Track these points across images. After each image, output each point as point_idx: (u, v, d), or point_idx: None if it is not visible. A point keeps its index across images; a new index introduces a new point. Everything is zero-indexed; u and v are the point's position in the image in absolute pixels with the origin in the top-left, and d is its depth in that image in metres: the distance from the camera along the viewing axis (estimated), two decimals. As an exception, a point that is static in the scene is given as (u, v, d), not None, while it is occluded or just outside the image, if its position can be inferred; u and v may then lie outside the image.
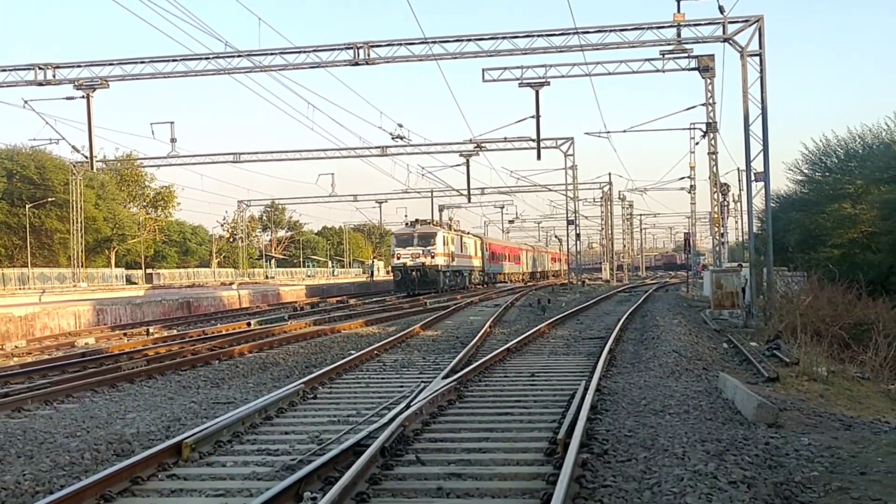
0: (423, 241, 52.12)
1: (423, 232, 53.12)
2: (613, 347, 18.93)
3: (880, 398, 15.84)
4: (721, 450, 8.88)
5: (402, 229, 57.06)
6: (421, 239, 52.29)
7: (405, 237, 53.51)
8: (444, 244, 53.40)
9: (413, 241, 52.38)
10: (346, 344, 21.09)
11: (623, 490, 7.47)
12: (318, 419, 11.16)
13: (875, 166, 42.74)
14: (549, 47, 30.43)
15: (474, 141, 54.30)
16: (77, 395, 13.92)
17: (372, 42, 31.04)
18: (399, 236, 54.80)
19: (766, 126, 27.87)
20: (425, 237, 52.49)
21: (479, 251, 67.18)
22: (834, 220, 46.05)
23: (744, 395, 11.69)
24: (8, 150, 76.94)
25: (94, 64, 33.26)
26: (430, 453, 8.96)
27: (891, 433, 10.37)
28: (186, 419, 11.37)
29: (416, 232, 53.06)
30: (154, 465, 8.46)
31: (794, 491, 7.58)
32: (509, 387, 13.71)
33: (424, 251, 51.44)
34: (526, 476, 8.05)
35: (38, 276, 66.57)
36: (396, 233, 57.13)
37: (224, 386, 14.77)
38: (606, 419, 10.82)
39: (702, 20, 29.10)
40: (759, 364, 16.61)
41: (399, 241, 53.92)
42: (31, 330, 26.76)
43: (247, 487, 7.81)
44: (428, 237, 52.47)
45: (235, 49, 31.64)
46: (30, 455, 9.43)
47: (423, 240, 52.26)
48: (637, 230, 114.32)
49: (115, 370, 16.42)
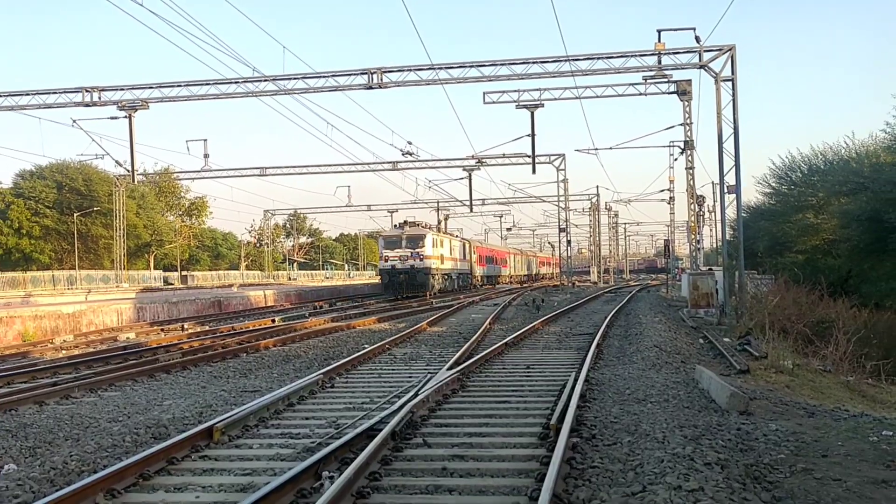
0: (411, 244, 46.74)
1: (412, 234, 47.51)
2: (601, 342, 18.90)
3: (840, 388, 15.83)
4: (697, 434, 8.87)
5: (390, 231, 50.77)
6: (409, 241, 46.90)
7: (393, 239, 47.79)
8: (433, 246, 48.09)
9: (401, 243, 46.97)
10: (360, 339, 21.08)
11: (609, 471, 7.46)
12: (335, 406, 11.15)
13: (835, 180, 42.86)
14: (543, 73, 30.47)
15: (476, 157, 54.29)
16: (119, 384, 13.93)
17: (384, 68, 31.07)
18: (387, 238, 48.80)
19: (737, 144, 27.88)
20: (414, 239, 47.04)
21: (467, 254, 61.51)
22: (798, 228, 46.18)
23: (718, 386, 11.67)
24: (58, 164, 77.02)
25: (136, 87, 33.32)
26: (435, 437, 8.94)
27: (850, 420, 10.35)
28: (217, 406, 11.37)
29: (404, 234, 47.49)
30: (188, 447, 8.46)
31: (763, 472, 7.56)
32: (507, 377, 13.69)
33: (413, 253, 46.27)
34: (522, 458, 8.03)
35: (85, 278, 66.70)
36: (384, 234, 50.23)
37: (251, 376, 14.76)
38: (594, 407, 10.80)
39: (680, 49, 29.11)
40: (732, 358, 16.60)
41: (387, 242, 48.23)
42: (78, 326, 26.78)
43: (271, 467, 7.81)
44: (416, 239, 47.01)
45: (262, 74, 31.69)
46: (76, 438, 9.44)
47: (411, 242, 46.87)
48: (622, 237, 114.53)
49: (154, 362, 16.42)
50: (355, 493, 6.69)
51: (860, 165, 41.76)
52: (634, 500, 6.47)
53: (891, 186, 31.96)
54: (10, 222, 74.92)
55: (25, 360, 18.37)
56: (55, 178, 77.18)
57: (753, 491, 6.87)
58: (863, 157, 43.93)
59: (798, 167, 49.52)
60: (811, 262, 40.43)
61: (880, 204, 32.23)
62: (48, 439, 9.41)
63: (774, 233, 47.82)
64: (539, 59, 30.25)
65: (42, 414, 11.05)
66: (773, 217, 49.84)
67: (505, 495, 6.77)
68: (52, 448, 8.98)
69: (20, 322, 24.04)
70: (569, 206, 66.46)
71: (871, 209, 33.41)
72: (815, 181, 46.94)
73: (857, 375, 17.49)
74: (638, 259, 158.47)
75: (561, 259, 78.43)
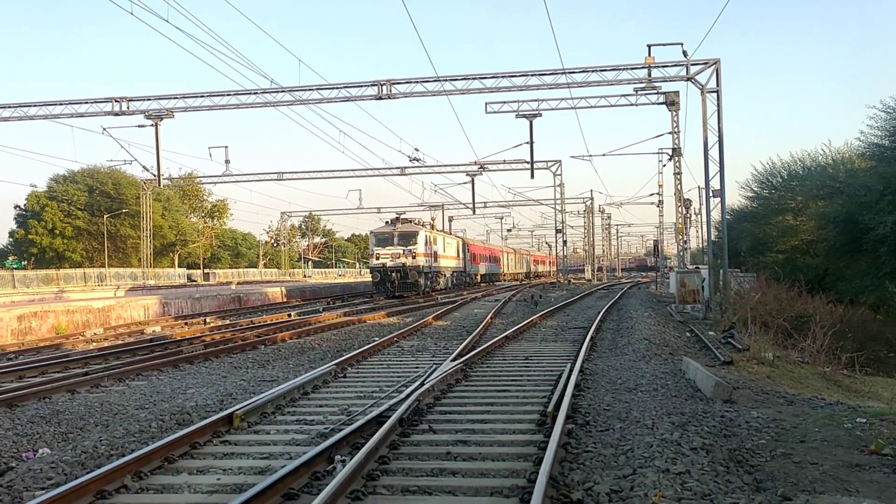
0: (403, 241, 42.49)
1: (404, 231, 43.10)
2: (594, 335, 18.87)
3: (818, 379, 15.81)
4: (684, 421, 8.87)
5: (381, 228, 45.53)
6: (402, 238, 42.61)
7: (385, 236, 43.26)
8: (426, 244, 43.74)
9: (393, 240, 42.67)
10: (370, 332, 21.08)
11: (602, 455, 7.46)
12: (346, 395, 11.16)
13: (813, 185, 42.83)
14: (542, 84, 30.46)
15: (478, 163, 54.23)
16: (146, 373, 13.95)
17: (393, 80, 31.08)
18: (378, 235, 43.89)
19: (722, 151, 27.85)
20: (406, 236, 42.68)
21: (460, 252, 56.45)
22: (779, 229, 46.14)
23: (703, 376, 11.66)
24: (89, 169, 77.23)
25: (162, 97, 33.34)
26: (440, 423, 8.94)
27: (826, 408, 10.33)
28: (237, 394, 11.38)
29: (396, 231, 43.06)
30: (210, 432, 8.47)
31: (745, 456, 7.56)
32: (507, 368, 13.68)
33: (405, 251, 42.05)
34: (521, 443, 8.03)
35: (114, 275, 66.78)
36: (376, 231, 44.95)
37: (269, 366, 14.77)
38: (588, 395, 10.79)
39: (669, 62, 29.07)
40: (716, 350, 16.57)
41: (378, 240, 43.57)
42: (107, 319, 26.80)
43: (287, 451, 7.81)
44: (409, 236, 42.67)
45: (279, 85, 31.70)
46: (106, 424, 9.46)
47: (403, 239, 42.58)
48: (614, 238, 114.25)
49: (178, 353, 16.43)
50: (366, 475, 6.69)
51: (836, 171, 41.73)
52: (626, 482, 6.46)
53: (865, 191, 31.91)
54: (44, 223, 75.27)
55: (58, 352, 18.39)
56: (86, 182, 77.44)
57: (736, 474, 6.86)
58: (839, 163, 43.91)
59: (778, 173, 49.49)
60: (790, 261, 40.37)
61: (855, 207, 32.20)
62: (79, 425, 9.43)
63: (756, 234, 47.82)
64: (537, 71, 30.26)
65: (74, 402, 11.07)
66: (755, 219, 49.80)
67: (505, 478, 6.77)
68: (83, 433, 9.00)
69: (54, 316, 24.07)
70: (565, 209, 66.39)
71: (846, 212, 33.38)
72: (794, 186, 46.92)
73: (833, 367, 17.46)
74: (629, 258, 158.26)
75: (557, 258, 78.27)
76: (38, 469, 7.31)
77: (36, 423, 9.55)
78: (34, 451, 8.11)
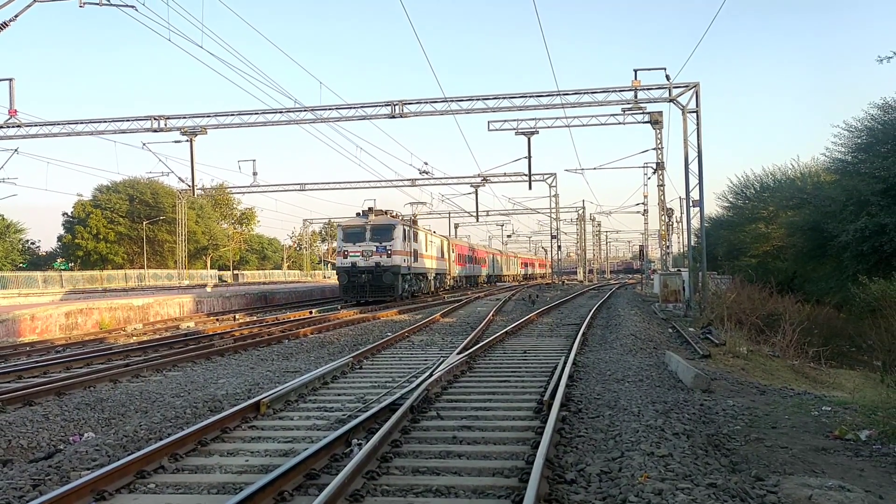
0: (377, 235, 32.77)
1: (378, 224, 33.09)
2: (586, 331, 18.85)
3: (787, 371, 15.78)
4: (667, 409, 8.86)
5: (350, 220, 34.77)
6: (375, 232, 32.81)
7: (355, 230, 33.14)
8: (404, 240, 33.86)
9: (365, 234, 32.80)
10: (384, 328, 21.07)
11: (593, 439, 7.45)
12: (362, 384, 11.15)
13: (783, 196, 42.93)
14: (539, 105, 30.44)
15: (481, 175, 54.06)
16: (181, 365, 13.97)
17: (405, 100, 31.08)
18: (347, 229, 33.57)
19: (701, 165, 27.83)
20: (381, 230, 32.85)
21: (445, 252, 46.80)
22: (752, 236, 46.16)
23: (684, 368, 11.64)
24: (130, 180, 77.30)
25: (196, 116, 33.36)
26: (447, 410, 8.93)
27: (795, 397, 10.32)
28: (263, 384, 11.39)
29: (368, 223, 33.05)
30: (239, 418, 8.47)
31: (722, 440, 7.55)
32: (507, 360, 13.66)
33: (379, 248, 32.44)
34: (520, 428, 8.02)
35: (152, 276, 66.88)
36: (344, 225, 34.52)
37: (292, 359, 14.77)
38: (580, 385, 10.78)
39: (653, 85, 29.06)
40: (696, 345, 16.56)
41: (347, 234, 33.31)
42: (146, 316, 26.84)
43: (309, 436, 7.82)
44: (384, 230, 32.85)
45: (302, 105, 31.72)
46: (145, 410, 9.48)
47: (377, 233, 32.81)
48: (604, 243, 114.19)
49: (210, 346, 16.46)
50: (380, 457, 6.69)
51: (804, 184, 41.77)
52: (615, 464, 6.45)
53: (829, 202, 31.91)
54: (89, 229, 75.50)
55: (102, 345, 18.41)
56: (128, 191, 77.64)
57: (714, 456, 6.85)
58: (806, 176, 43.97)
59: (752, 185, 49.55)
60: (762, 264, 40.31)
61: (820, 216, 32.22)
62: (121, 412, 9.44)
63: (732, 240, 47.88)
64: (535, 93, 30.26)
65: (116, 390, 11.09)
66: (730, 226, 49.85)
67: (506, 459, 6.76)
68: (124, 419, 9.01)
69: (97, 313, 24.11)
70: (559, 217, 66.39)
71: (813, 221, 33.39)
72: (766, 197, 46.97)
73: (801, 360, 17.44)
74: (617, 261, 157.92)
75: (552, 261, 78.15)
76: (83, 451, 7.32)
77: (82, 409, 9.56)
78: (80, 435, 8.13)
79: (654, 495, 5.52)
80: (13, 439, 7.97)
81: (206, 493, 5.96)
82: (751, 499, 5.57)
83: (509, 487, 5.87)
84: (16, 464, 7.06)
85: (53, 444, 7.81)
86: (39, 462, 7.08)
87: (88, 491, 5.73)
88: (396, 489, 5.92)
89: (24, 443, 7.85)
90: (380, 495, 5.80)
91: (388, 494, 5.82)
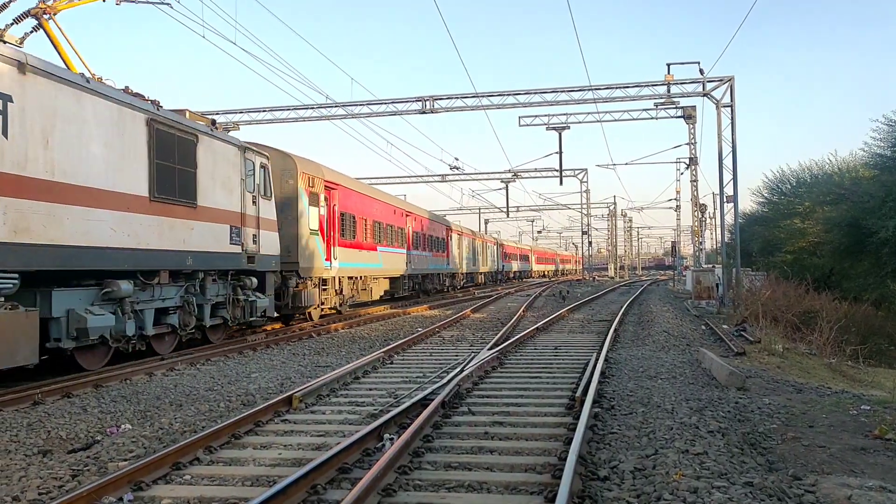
0: None
1: None
2: (618, 328, 18.75)
3: (824, 369, 15.56)
4: (701, 406, 8.78)
5: None
6: None
7: None
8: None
9: None
10: (414, 323, 21.12)
11: (626, 436, 7.40)
12: (393, 379, 11.17)
13: (819, 192, 42.27)
14: (570, 100, 30.35)
15: (512, 170, 54.14)
16: (215, 359, 14.08)
17: (436, 96, 31.13)
18: None
19: (735, 160, 27.56)
20: None
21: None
22: (787, 232, 45.53)
23: (718, 366, 11.53)
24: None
25: (230, 112, 33.67)
26: (478, 406, 8.92)
27: (832, 396, 10.17)
28: (296, 378, 11.46)
29: None
30: (271, 412, 8.53)
31: (757, 439, 7.46)
32: (538, 356, 13.62)
33: None
34: (552, 424, 7.99)
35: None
36: None
37: (324, 354, 14.85)
38: (613, 382, 10.72)
39: (686, 80, 28.83)
40: (730, 342, 16.39)
41: None
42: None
43: (341, 430, 7.84)
44: None
45: (334, 101, 31.92)
46: (179, 404, 9.57)
47: None
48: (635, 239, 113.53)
49: (243, 341, 16.57)
50: (411, 452, 6.70)
51: (842, 179, 41.08)
52: (648, 462, 6.40)
53: (868, 197, 31.40)
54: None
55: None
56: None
57: (750, 455, 6.77)
58: (844, 171, 43.23)
59: (788, 180, 48.90)
60: (798, 261, 39.79)
61: (858, 212, 31.71)
62: (156, 404, 9.55)
63: (767, 236, 47.27)
64: (566, 88, 30.14)
65: (151, 383, 11.22)
66: (765, 222, 49.23)
67: (538, 456, 6.74)
68: (159, 412, 9.11)
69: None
70: (590, 213, 66.10)
71: (850, 217, 32.87)
72: (802, 192, 46.31)
73: (839, 358, 17.20)
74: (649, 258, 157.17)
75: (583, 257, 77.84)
76: (120, 443, 7.42)
77: (118, 402, 9.69)
78: (117, 427, 8.23)
79: (689, 493, 5.47)
80: (52, 430, 8.09)
81: (241, 486, 6.00)
82: (788, 498, 5.49)
83: (542, 483, 5.84)
84: (55, 454, 7.17)
85: (91, 436, 7.92)
86: (78, 452, 7.18)
87: (126, 481, 5.80)
88: (429, 484, 5.92)
89: (63, 434, 7.97)
90: (412, 490, 5.81)
91: (420, 489, 5.82)
